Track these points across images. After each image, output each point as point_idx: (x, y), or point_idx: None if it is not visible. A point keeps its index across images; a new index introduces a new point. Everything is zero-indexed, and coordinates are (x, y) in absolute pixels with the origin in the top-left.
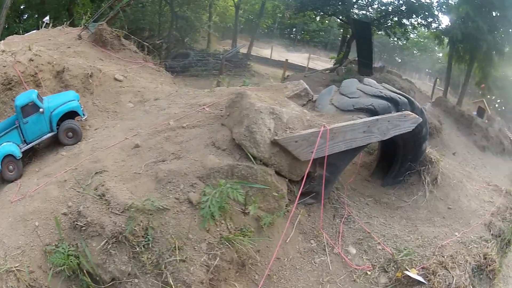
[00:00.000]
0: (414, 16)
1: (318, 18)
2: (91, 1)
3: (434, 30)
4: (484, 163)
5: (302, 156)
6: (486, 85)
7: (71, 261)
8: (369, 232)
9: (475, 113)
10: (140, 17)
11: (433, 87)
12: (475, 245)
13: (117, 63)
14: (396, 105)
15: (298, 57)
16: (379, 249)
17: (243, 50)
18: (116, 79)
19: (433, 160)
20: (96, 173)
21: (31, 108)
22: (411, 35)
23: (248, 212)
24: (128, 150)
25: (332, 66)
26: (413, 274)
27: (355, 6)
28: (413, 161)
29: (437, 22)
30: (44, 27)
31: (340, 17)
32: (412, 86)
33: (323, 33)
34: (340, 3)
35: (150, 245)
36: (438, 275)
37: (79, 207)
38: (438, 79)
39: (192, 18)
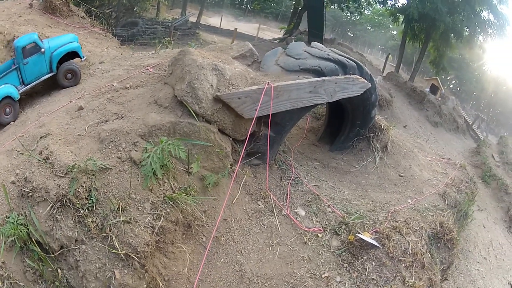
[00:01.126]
0: None
1: None
2: None
3: (391, 7)
4: (436, 138)
5: (246, 113)
6: (441, 64)
7: (20, 231)
8: (317, 194)
9: (427, 89)
10: None
11: (385, 62)
12: (429, 213)
13: (64, 29)
14: (344, 68)
15: (248, 27)
16: (329, 211)
17: (193, 19)
18: None
19: (382, 127)
20: (41, 137)
21: (32, 49)
22: (366, 11)
23: (191, 171)
24: (72, 113)
25: (281, 36)
26: (366, 237)
27: None
28: (362, 127)
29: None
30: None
31: None
32: (362, 59)
33: (274, 4)
34: None
35: (94, 207)
36: (393, 240)
37: (25, 173)
38: (390, 55)
39: None
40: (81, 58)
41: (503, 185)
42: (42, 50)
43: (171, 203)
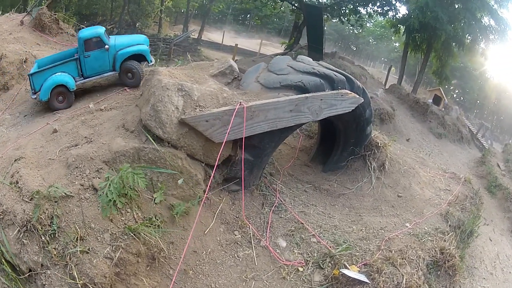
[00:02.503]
0: (370, 4)
1: (270, 3)
2: None
3: (392, 18)
4: (440, 150)
5: (215, 137)
6: (444, 74)
7: None
8: (302, 223)
9: (430, 101)
10: (93, 1)
11: (387, 74)
12: (429, 238)
13: (53, 48)
14: (331, 83)
15: (250, 43)
16: (314, 242)
17: (194, 35)
18: None
19: (379, 144)
20: (15, 160)
21: (95, 43)
22: (368, 24)
23: (156, 200)
24: (47, 136)
25: (283, 51)
26: (352, 272)
27: None
28: (357, 145)
29: (394, 10)
30: None
31: (293, 2)
32: (364, 72)
33: (276, 19)
34: None
35: (56, 235)
36: (384, 273)
37: None
38: (393, 67)
39: (144, 3)
40: (148, 62)
41: (510, 194)
42: (106, 47)
43: (132, 234)
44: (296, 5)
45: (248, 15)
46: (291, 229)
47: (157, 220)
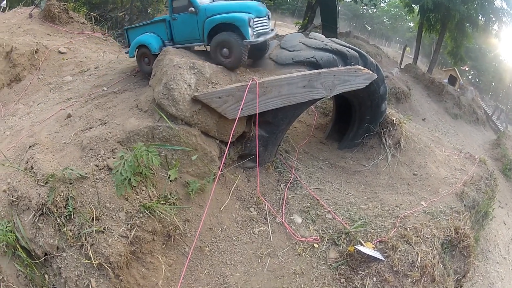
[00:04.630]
0: None
1: None
2: None
3: None
4: (456, 131)
5: (229, 113)
6: (459, 55)
7: (8, 237)
8: (317, 199)
9: (446, 81)
10: None
11: (402, 54)
12: (444, 217)
13: (64, 36)
14: (344, 59)
15: None
16: (329, 218)
17: None
18: (60, 52)
19: (394, 122)
20: (30, 147)
21: (184, 4)
22: (382, 4)
23: (171, 177)
24: (61, 121)
25: (296, 31)
26: (367, 249)
27: None
28: (372, 122)
29: None
30: (2, 11)
31: None
32: (379, 51)
33: (290, 0)
34: None
35: (72, 216)
36: (399, 251)
37: (13, 182)
38: (408, 47)
39: None
40: (246, 39)
41: None
42: (191, 9)
43: (147, 212)
44: None
45: None
46: (307, 206)
47: (172, 197)
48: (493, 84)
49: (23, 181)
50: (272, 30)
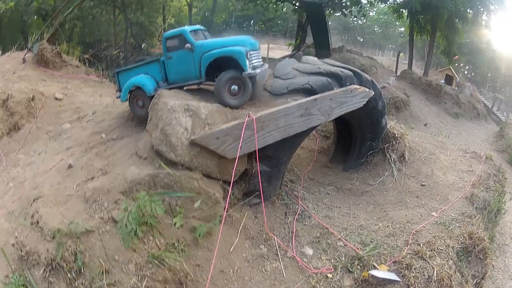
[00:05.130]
0: None
1: (271, 6)
2: (43, 20)
3: (393, 4)
4: (459, 130)
5: (229, 153)
6: (453, 52)
7: None
8: (327, 228)
9: (442, 81)
10: (95, 28)
11: (397, 61)
12: (457, 224)
13: (59, 81)
14: (339, 80)
15: None
16: (340, 245)
17: None
18: (56, 98)
19: (396, 135)
20: (34, 200)
21: (178, 42)
22: (371, 13)
23: (176, 225)
24: (63, 172)
25: (290, 53)
26: (381, 272)
27: None
28: (374, 139)
29: None
30: None
31: (293, 2)
32: (373, 63)
33: (280, 21)
34: None
35: (82, 270)
36: (415, 269)
37: (21, 236)
38: (401, 53)
39: (147, 23)
40: (244, 71)
41: None
42: (187, 45)
43: (156, 262)
44: (297, 4)
45: (252, 21)
46: (317, 236)
47: (180, 244)
48: (489, 75)
49: (30, 236)
50: (262, 64)
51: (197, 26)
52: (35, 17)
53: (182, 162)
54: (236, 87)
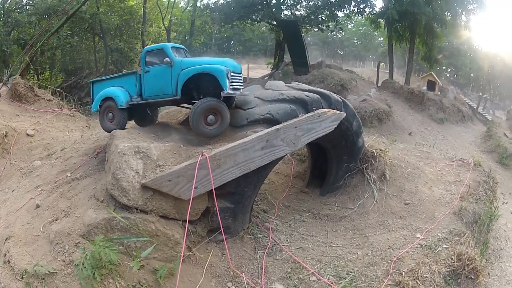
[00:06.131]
0: (346, 5)
1: (248, 27)
2: (23, 50)
3: (370, 15)
4: (445, 135)
5: (184, 195)
6: (433, 58)
7: None
8: (299, 262)
9: (425, 88)
10: (76, 56)
11: (377, 72)
12: (444, 246)
13: (32, 116)
14: (304, 105)
15: None
16: (313, 281)
17: None
18: (28, 135)
19: (375, 154)
20: (6, 239)
21: (157, 57)
22: (349, 26)
23: (140, 267)
24: (32, 211)
25: (270, 72)
26: None
27: (282, 7)
28: (351, 161)
29: (370, 6)
30: None
31: (269, 21)
32: (353, 76)
33: (260, 41)
34: (265, 7)
35: None
36: None
37: None
38: (381, 63)
39: (126, 49)
40: (223, 90)
41: None
42: (166, 60)
43: None
44: (274, 23)
45: (232, 42)
46: (288, 271)
47: (142, 286)
48: (472, 75)
49: (4, 274)
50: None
51: (180, 45)
52: (15, 46)
53: (136, 206)
54: (213, 117)
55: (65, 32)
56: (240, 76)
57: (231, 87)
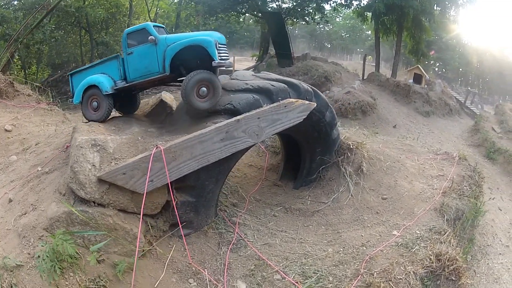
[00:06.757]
0: None
1: (232, 19)
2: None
3: (357, 8)
4: (430, 129)
5: (139, 188)
6: (421, 51)
7: None
8: (263, 259)
9: (411, 81)
10: (62, 50)
11: (363, 64)
12: (422, 244)
13: (11, 111)
14: (270, 95)
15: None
16: (277, 279)
17: None
18: (6, 130)
19: (352, 146)
20: None
21: (140, 37)
22: (337, 19)
23: (100, 262)
24: (5, 206)
25: (255, 64)
26: None
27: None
28: (325, 153)
29: None
30: None
31: (254, 13)
32: (337, 68)
33: (247, 33)
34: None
35: None
36: None
37: None
38: (369, 56)
39: (112, 42)
40: (214, 60)
41: (511, 156)
42: (150, 37)
43: None
44: (259, 15)
45: None
46: (251, 268)
47: (102, 280)
48: (460, 69)
49: None
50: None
51: (161, 25)
52: (2, 42)
53: (93, 199)
54: (206, 89)
55: (49, 26)
56: (226, 47)
57: (219, 58)
